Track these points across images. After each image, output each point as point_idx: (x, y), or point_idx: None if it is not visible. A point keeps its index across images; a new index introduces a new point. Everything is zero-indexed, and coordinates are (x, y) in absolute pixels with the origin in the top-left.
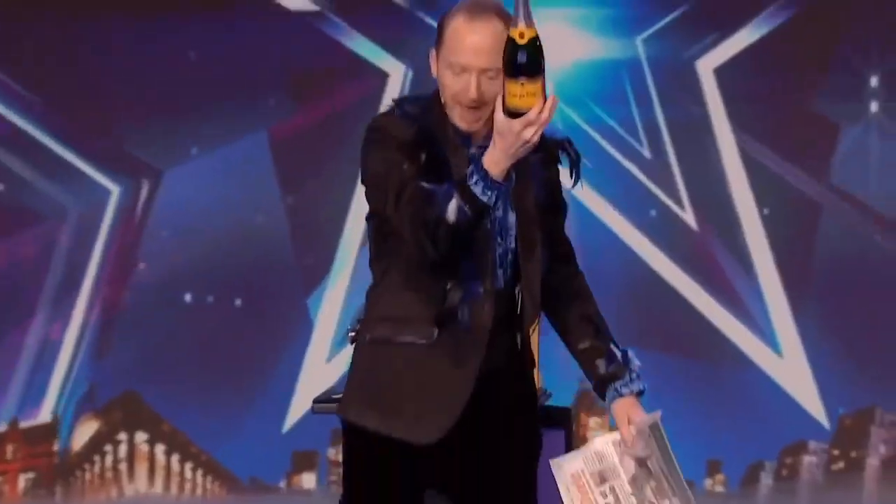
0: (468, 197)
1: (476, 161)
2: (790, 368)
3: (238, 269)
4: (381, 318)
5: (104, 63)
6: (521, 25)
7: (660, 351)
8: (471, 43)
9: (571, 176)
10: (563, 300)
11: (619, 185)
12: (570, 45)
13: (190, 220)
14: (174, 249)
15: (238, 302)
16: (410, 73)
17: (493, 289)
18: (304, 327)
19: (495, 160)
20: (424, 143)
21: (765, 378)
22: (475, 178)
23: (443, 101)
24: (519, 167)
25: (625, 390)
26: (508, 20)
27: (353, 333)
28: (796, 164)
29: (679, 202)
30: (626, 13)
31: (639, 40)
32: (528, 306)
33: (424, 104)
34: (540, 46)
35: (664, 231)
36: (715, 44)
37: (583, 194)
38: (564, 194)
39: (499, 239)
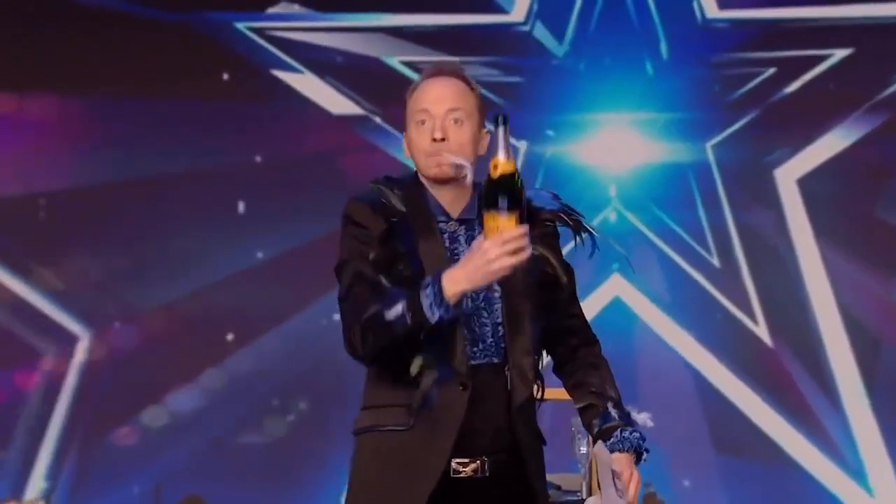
0: (413, 306)
1: (438, 273)
2: None
3: (303, 371)
4: (366, 408)
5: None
6: (499, 156)
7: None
8: (430, 92)
9: (576, 243)
10: (570, 370)
11: (683, 296)
12: (635, 149)
13: (254, 322)
14: (236, 354)
15: (302, 405)
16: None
17: (467, 369)
18: None
19: (455, 278)
20: (392, 229)
21: None
22: (428, 290)
23: (418, 167)
24: None
25: (615, 447)
26: (469, 80)
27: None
28: (881, 276)
29: (752, 315)
30: (695, 117)
31: (708, 146)
32: (517, 383)
33: (405, 181)
34: (512, 181)
35: (734, 347)
36: (794, 152)
37: (641, 306)
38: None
39: (484, 314)
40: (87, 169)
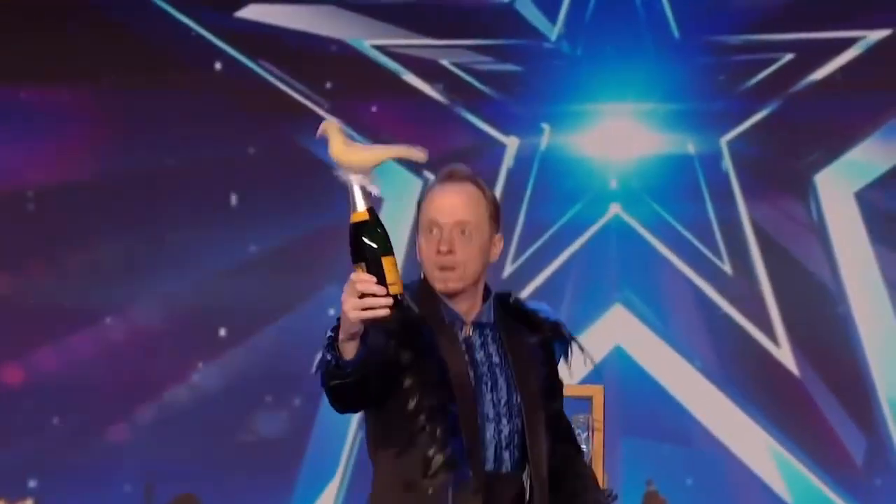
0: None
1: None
2: None
3: (297, 367)
4: None
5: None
6: (355, 209)
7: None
8: (441, 201)
9: (566, 358)
10: (562, 479)
11: (688, 309)
12: (639, 142)
13: (249, 318)
14: (232, 348)
15: (297, 401)
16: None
17: (484, 474)
18: None
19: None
20: (406, 338)
21: None
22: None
23: (426, 274)
24: (520, 349)
25: None
26: (482, 186)
27: None
28: None
29: (772, 336)
30: (707, 108)
31: (724, 140)
32: (536, 490)
33: (413, 287)
34: (358, 231)
35: (750, 376)
36: (828, 153)
37: (631, 332)
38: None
39: (504, 420)
40: (77, 163)
